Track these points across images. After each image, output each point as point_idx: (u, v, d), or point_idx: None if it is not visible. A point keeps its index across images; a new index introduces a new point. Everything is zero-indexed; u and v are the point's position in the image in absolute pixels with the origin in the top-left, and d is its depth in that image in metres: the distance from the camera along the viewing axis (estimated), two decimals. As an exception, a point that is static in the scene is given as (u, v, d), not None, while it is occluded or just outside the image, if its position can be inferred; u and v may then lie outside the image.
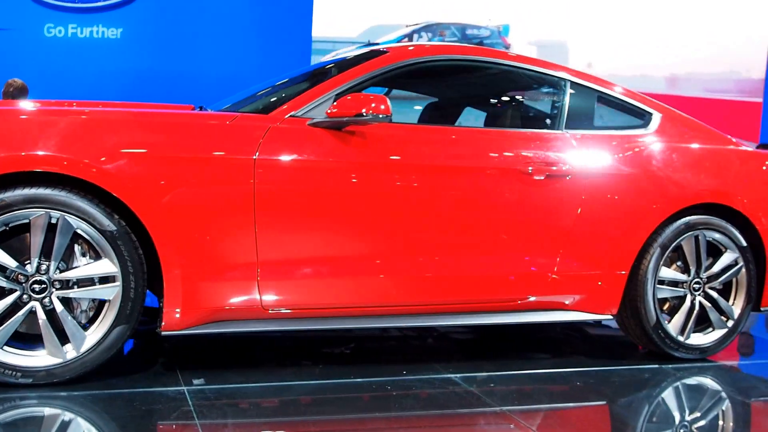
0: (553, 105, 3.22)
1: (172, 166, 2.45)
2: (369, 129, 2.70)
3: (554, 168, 2.96)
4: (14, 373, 2.33)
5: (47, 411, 2.24)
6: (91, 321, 2.45)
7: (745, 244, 3.27)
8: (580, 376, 2.91)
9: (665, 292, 3.18)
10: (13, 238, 2.36)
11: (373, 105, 2.55)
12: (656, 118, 3.35)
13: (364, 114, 2.56)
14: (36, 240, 2.33)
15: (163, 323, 2.48)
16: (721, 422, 2.61)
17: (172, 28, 8.13)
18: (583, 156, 3.06)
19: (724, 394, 2.88)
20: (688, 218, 3.17)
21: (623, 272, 3.09)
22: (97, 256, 2.41)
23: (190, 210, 2.47)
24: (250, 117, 2.71)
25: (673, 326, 3.19)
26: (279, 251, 2.61)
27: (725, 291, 3.34)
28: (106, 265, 2.40)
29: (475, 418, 2.35)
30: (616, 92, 3.34)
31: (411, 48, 3.13)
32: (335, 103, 2.63)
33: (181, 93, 2.87)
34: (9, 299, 2.32)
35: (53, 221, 2.33)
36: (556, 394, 2.74)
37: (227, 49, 7.89)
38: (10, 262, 2.32)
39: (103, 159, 2.36)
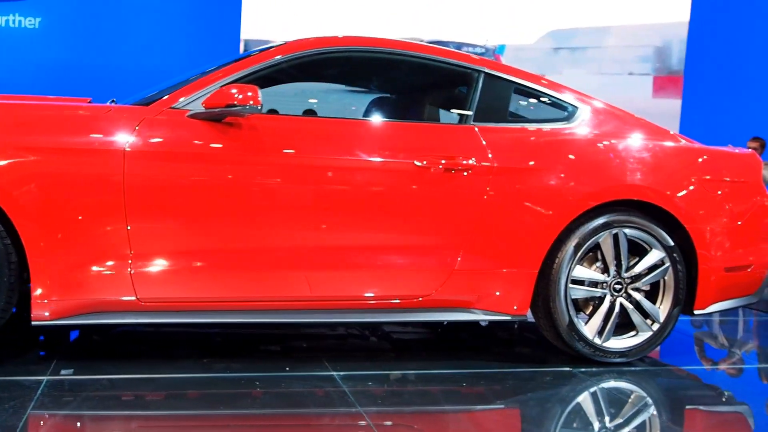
0: (463, 97, 3.10)
1: (36, 156, 2.46)
2: (249, 121, 2.65)
3: (454, 162, 2.85)
4: None
5: None
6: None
7: (671, 243, 3.09)
8: (472, 378, 2.80)
9: (580, 292, 3.03)
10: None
11: (241, 95, 2.50)
12: (583, 111, 3.21)
13: (235, 104, 2.52)
14: None
15: (32, 313, 2.49)
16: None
17: (95, 18, 7.98)
18: (490, 150, 2.94)
19: (628, 401, 2.72)
20: (605, 216, 3.02)
21: (532, 271, 2.96)
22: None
23: (56, 201, 2.47)
24: (127, 109, 2.69)
25: (589, 328, 3.04)
26: (152, 243, 2.58)
27: (653, 292, 3.18)
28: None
29: (322, 418, 2.28)
30: (540, 85, 3.20)
31: (309, 39, 3.05)
32: (210, 95, 2.60)
33: (102, 86, 2.87)
34: None
35: None
36: (435, 395, 2.63)
37: (153, 42, 7.79)
38: None
39: None
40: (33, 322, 2.49)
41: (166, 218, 2.59)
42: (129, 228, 2.53)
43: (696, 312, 3.22)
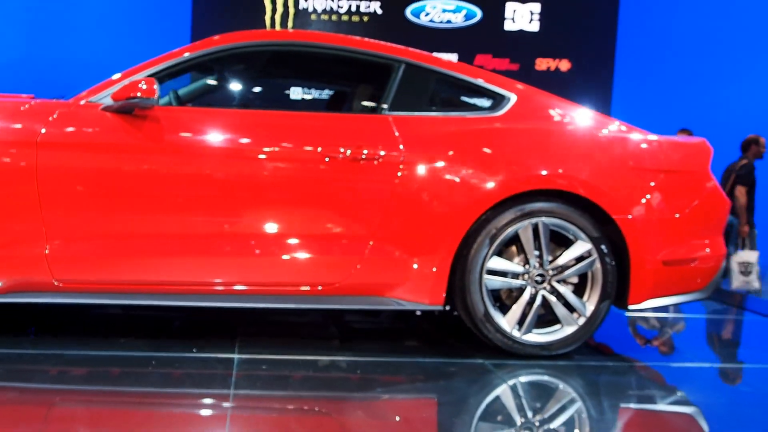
0: (380, 87, 3.13)
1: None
2: (154, 112, 2.80)
3: (361, 152, 2.89)
4: None
5: None
6: None
7: (597, 234, 3.01)
8: (370, 366, 2.83)
9: (496, 283, 3.00)
10: None
11: (138, 89, 2.65)
12: (511, 100, 3.17)
13: (133, 96, 2.67)
14: None
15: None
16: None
17: (47, 15, 8.18)
18: (403, 139, 2.96)
19: (536, 394, 2.68)
20: (523, 205, 2.98)
21: (445, 261, 2.95)
22: None
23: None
24: (44, 103, 2.88)
25: (507, 320, 3.01)
26: (65, 228, 2.77)
27: (583, 286, 3.10)
28: None
29: (185, 397, 2.38)
30: (466, 75, 3.19)
31: (223, 36, 3.14)
32: (117, 89, 2.76)
33: (51, 83, 3.09)
34: None
35: None
36: (319, 381, 2.69)
37: (102, 38, 7.95)
38: None
39: None
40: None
41: (76, 205, 2.77)
42: (42, 213, 2.73)
43: (631, 307, 3.12)
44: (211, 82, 3.45)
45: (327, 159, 2.86)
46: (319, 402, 2.45)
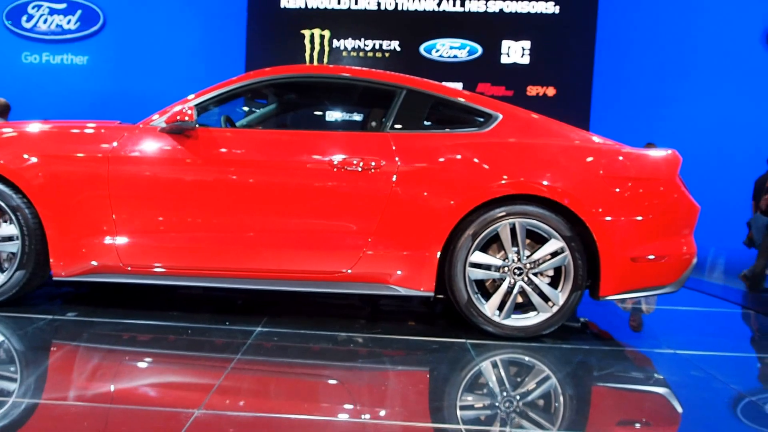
0: (385, 109, 3.73)
1: (50, 161, 3.52)
2: (199, 133, 3.53)
3: (364, 162, 3.49)
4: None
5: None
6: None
7: (569, 234, 3.46)
8: (365, 341, 3.39)
9: (478, 274, 3.50)
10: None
11: (182, 113, 3.39)
12: (497, 119, 3.69)
13: (180, 120, 3.41)
14: None
15: (51, 272, 3.55)
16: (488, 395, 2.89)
17: (130, 55, 10.45)
18: (397, 153, 3.53)
19: (508, 371, 3.16)
20: (500, 208, 3.48)
21: (433, 255, 3.50)
22: (4, 222, 3.56)
23: (62, 192, 3.50)
24: (119, 126, 3.66)
25: (489, 306, 3.51)
26: (128, 223, 3.53)
27: (558, 278, 3.56)
28: (10, 229, 3.53)
29: (198, 360, 2.98)
30: (459, 98, 3.74)
31: (265, 70, 3.83)
32: (169, 115, 3.51)
33: (137, 111, 3.87)
34: None
35: None
36: (316, 351, 3.21)
37: (175, 73, 10.14)
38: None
39: (12, 159, 3.51)
40: (54, 278, 3.55)
41: (135, 205, 3.52)
42: (113, 210, 3.50)
43: (602, 297, 3.53)
44: (256, 106, 4.20)
45: (335, 169, 3.48)
46: (309, 368, 2.99)
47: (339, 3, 10.32)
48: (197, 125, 3.53)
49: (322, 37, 10.33)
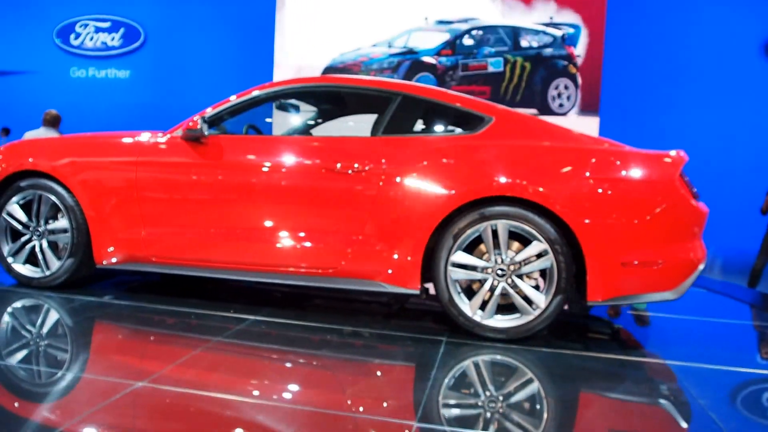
0: (379, 115, 3.89)
1: (90, 166, 4.09)
2: (210, 140, 3.91)
3: (356, 164, 3.68)
4: None
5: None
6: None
7: (553, 237, 3.41)
8: (352, 335, 3.57)
9: (460, 274, 3.55)
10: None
11: (191, 123, 3.80)
12: (489, 122, 3.72)
13: (191, 128, 3.82)
14: (43, 209, 4.19)
15: (95, 261, 4.13)
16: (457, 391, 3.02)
17: (169, 69, 11.32)
18: (387, 155, 3.67)
19: (478, 369, 3.21)
20: (481, 210, 3.51)
21: (416, 254, 3.60)
22: (61, 217, 4.18)
23: (101, 194, 4.05)
24: (151, 135, 4.15)
25: (470, 306, 3.55)
26: (153, 219, 4.00)
27: (543, 280, 3.52)
28: (63, 222, 4.15)
29: (185, 339, 3.33)
30: (452, 103, 3.82)
31: (285, 80, 4.14)
32: (188, 124, 3.94)
33: (175, 120, 4.37)
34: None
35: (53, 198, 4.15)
36: (294, 339, 3.43)
37: (209, 84, 10.93)
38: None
39: (56, 163, 4.12)
40: (97, 266, 4.13)
41: (160, 204, 3.98)
42: (140, 208, 4.00)
43: (589, 303, 3.44)
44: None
45: (323, 171, 3.71)
46: (281, 353, 3.23)
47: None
48: (208, 133, 3.93)
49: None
